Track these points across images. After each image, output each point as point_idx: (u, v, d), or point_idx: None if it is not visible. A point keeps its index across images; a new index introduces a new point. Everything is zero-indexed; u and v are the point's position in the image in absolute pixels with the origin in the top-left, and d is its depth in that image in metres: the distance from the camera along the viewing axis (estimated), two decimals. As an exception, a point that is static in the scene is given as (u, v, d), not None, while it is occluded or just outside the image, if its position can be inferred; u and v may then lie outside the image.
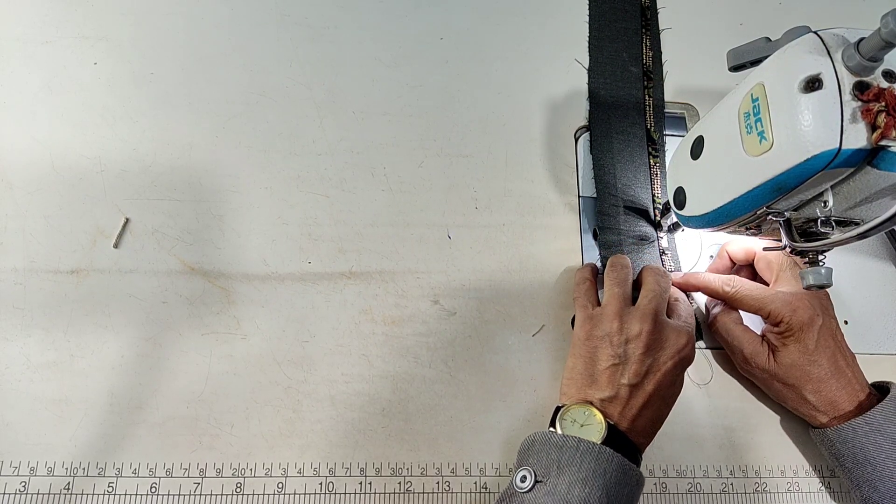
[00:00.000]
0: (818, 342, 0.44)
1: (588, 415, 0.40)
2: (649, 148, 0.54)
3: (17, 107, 0.51)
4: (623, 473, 0.38)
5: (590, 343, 0.43)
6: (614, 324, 0.43)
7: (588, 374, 0.43)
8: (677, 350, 0.42)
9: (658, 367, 0.42)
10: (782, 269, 0.47)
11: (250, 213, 0.50)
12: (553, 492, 0.37)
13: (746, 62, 0.39)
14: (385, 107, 0.54)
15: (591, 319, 0.44)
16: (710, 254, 0.53)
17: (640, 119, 0.55)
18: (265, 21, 0.55)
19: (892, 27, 0.27)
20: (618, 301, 0.44)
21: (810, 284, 0.39)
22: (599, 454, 0.38)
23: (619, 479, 0.38)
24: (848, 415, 0.43)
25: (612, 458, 0.38)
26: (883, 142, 0.29)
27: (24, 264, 0.47)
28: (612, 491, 0.37)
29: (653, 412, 0.42)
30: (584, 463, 0.38)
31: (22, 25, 0.53)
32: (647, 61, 0.57)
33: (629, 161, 0.53)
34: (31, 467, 0.42)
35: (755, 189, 0.35)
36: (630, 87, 0.56)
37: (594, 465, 0.38)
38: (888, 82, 0.30)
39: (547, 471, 0.38)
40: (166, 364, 0.45)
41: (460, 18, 0.58)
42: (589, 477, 0.37)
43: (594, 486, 0.37)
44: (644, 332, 0.42)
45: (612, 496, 0.37)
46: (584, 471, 0.38)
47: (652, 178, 0.53)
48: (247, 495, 0.43)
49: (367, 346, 0.47)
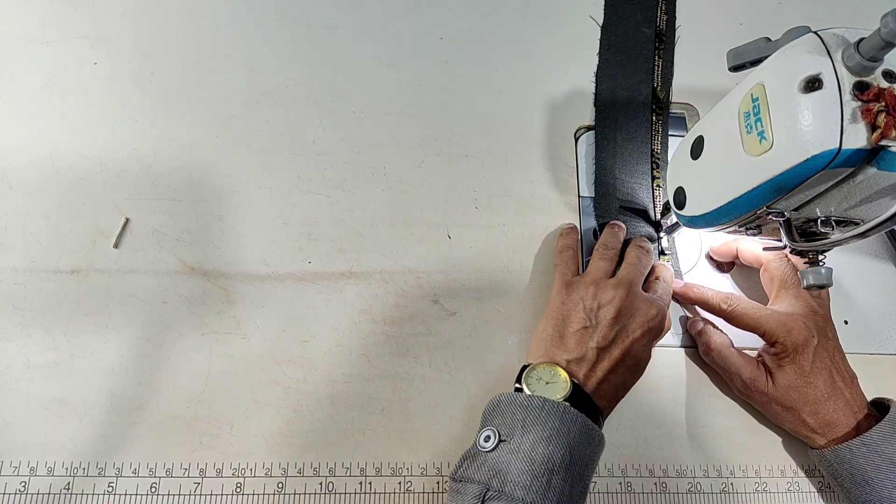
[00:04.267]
0: (814, 363, 0.44)
1: (553, 374, 0.41)
2: (654, 107, 0.54)
3: (17, 107, 0.51)
4: (586, 433, 0.39)
5: (563, 307, 0.44)
6: (589, 290, 0.44)
7: (558, 335, 0.43)
8: (647, 319, 0.43)
9: (627, 334, 0.42)
10: (784, 287, 0.47)
11: (250, 213, 0.50)
12: (517, 450, 0.38)
13: (746, 62, 0.39)
14: (385, 107, 0.54)
15: (567, 286, 0.45)
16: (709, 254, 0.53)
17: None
18: (265, 21, 0.55)
19: (892, 27, 0.27)
20: (598, 272, 0.46)
21: (810, 284, 0.39)
22: (564, 414, 0.38)
23: (582, 439, 0.38)
24: (846, 436, 0.43)
25: (575, 417, 0.38)
26: (883, 142, 0.29)
27: (24, 264, 0.47)
28: (574, 450, 0.38)
29: (618, 378, 0.42)
30: (549, 422, 0.38)
31: (22, 25, 0.53)
32: (660, 24, 0.57)
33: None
34: (31, 467, 0.42)
35: (755, 189, 0.35)
36: (641, 49, 0.56)
37: (558, 424, 0.38)
38: (888, 82, 0.30)
39: (511, 430, 0.39)
40: (166, 364, 0.45)
41: (460, 18, 0.58)
42: (553, 435, 0.38)
43: (557, 444, 0.37)
44: (617, 298, 0.43)
45: (575, 455, 0.38)
46: (549, 429, 0.38)
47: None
48: (247, 495, 0.43)
49: (367, 345, 0.47)
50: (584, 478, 0.39)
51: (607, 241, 0.48)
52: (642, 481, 0.46)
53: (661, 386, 0.49)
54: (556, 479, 0.37)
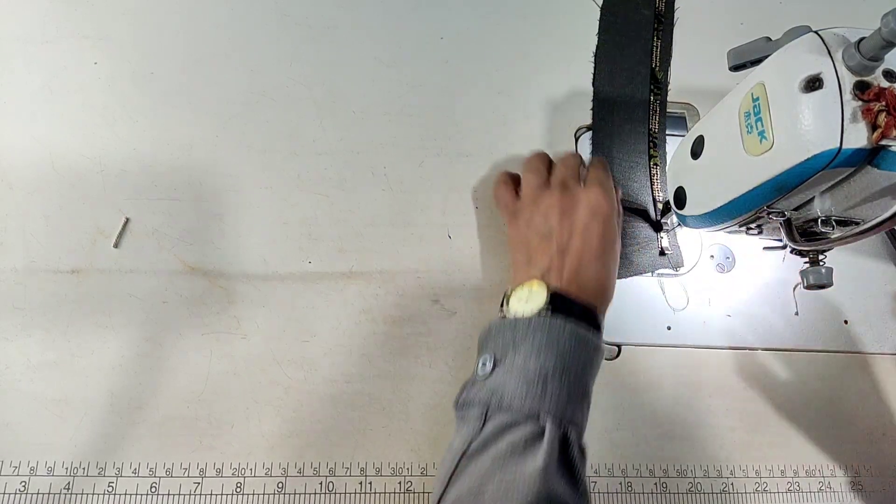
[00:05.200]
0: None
1: (530, 291, 0.41)
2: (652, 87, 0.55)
3: (17, 107, 0.51)
4: (577, 340, 0.39)
5: (519, 234, 0.45)
6: (531, 207, 0.45)
7: (525, 259, 0.44)
8: (588, 204, 0.43)
9: (577, 225, 0.43)
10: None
11: (250, 213, 0.50)
12: (511, 368, 0.38)
13: (747, 62, 0.39)
14: (385, 107, 0.54)
15: (513, 215, 0.47)
16: (710, 254, 0.53)
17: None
18: (265, 21, 0.55)
19: (893, 26, 0.27)
20: (531, 187, 0.46)
21: (810, 284, 0.39)
22: (550, 326, 0.39)
23: (573, 346, 0.39)
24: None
25: (562, 326, 0.39)
26: (883, 141, 0.29)
27: (24, 264, 0.47)
28: (566, 357, 0.38)
29: (593, 269, 0.42)
30: (536, 336, 0.39)
31: (22, 25, 0.53)
32: (659, 6, 0.58)
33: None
34: (31, 467, 0.42)
35: (755, 189, 0.35)
36: (640, 30, 0.56)
37: (546, 336, 0.39)
38: (889, 82, 0.30)
39: (504, 352, 0.39)
40: (166, 364, 0.45)
41: (460, 18, 0.58)
42: (542, 347, 0.38)
43: (548, 354, 0.38)
44: (555, 199, 0.44)
45: (568, 361, 0.38)
46: (538, 343, 0.38)
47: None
48: (247, 495, 0.43)
49: (368, 345, 0.47)
50: (581, 383, 0.39)
51: (530, 158, 0.49)
52: (642, 481, 0.46)
53: (662, 386, 0.49)
54: (550, 385, 0.37)
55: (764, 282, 0.52)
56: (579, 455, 0.37)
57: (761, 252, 0.48)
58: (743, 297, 0.52)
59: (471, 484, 0.35)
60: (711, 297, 0.52)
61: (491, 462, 0.36)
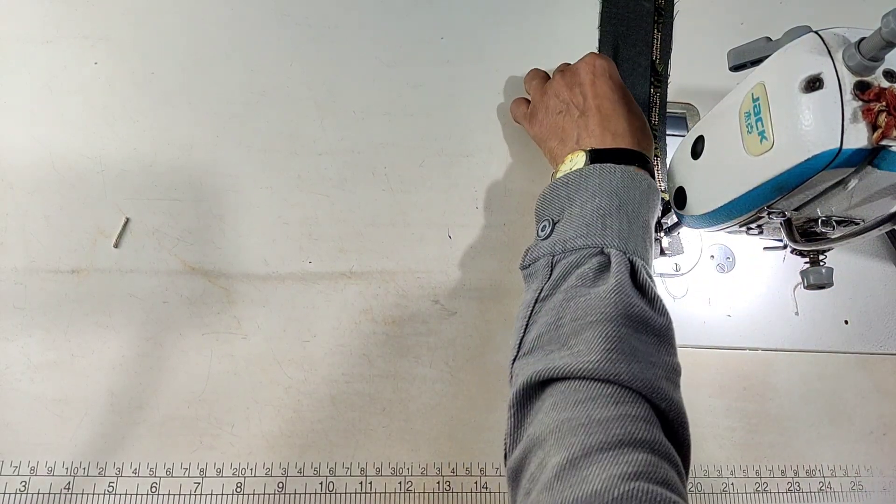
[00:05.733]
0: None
1: (571, 159, 0.42)
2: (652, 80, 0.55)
3: (17, 107, 0.51)
4: (629, 178, 0.39)
5: (542, 127, 0.47)
6: (542, 97, 0.47)
7: (558, 141, 0.45)
8: (587, 67, 0.45)
9: (586, 87, 0.45)
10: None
11: (250, 213, 0.50)
12: (570, 218, 0.39)
13: (747, 62, 0.38)
14: (385, 107, 0.54)
15: (532, 114, 0.49)
16: (710, 254, 0.53)
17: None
18: (265, 21, 0.55)
19: (893, 27, 0.27)
20: (535, 87, 0.49)
21: (811, 284, 0.39)
22: (601, 170, 0.40)
23: (627, 183, 0.39)
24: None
25: (613, 169, 0.40)
26: (884, 141, 0.29)
27: (25, 264, 0.47)
28: (621, 194, 0.39)
29: (619, 116, 0.43)
30: (590, 182, 0.40)
31: (22, 25, 0.53)
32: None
33: None
34: (32, 467, 0.42)
35: (756, 189, 0.35)
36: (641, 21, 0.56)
37: (598, 179, 0.39)
38: (889, 82, 0.30)
39: (561, 210, 0.41)
40: (167, 364, 0.45)
41: (460, 18, 0.58)
42: (597, 190, 0.39)
43: (602, 195, 0.39)
44: (558, 80, 0.47)
45: (623, 198, 0.39)
46: (591, 188, 0.39)
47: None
48: (247, 495, 0.43)
49: (368, 345, 0.47)
50: (640, 217, 0.39)
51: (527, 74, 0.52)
52: (643, 481, 0.46)
53: (662, 386, 0.49)
54: (610, 220, 0.38)
55: (764, 282, 0.52)
56: (649, 279, 0.37)
57: (761, 252, 0.48)
58: (743, 297, 0.52)
59: (548, 319, 0.36)
60: (711, 297, 0.52)
61: (563, 296, 0.36)
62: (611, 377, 0.32)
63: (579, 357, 0.33)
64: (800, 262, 0.40)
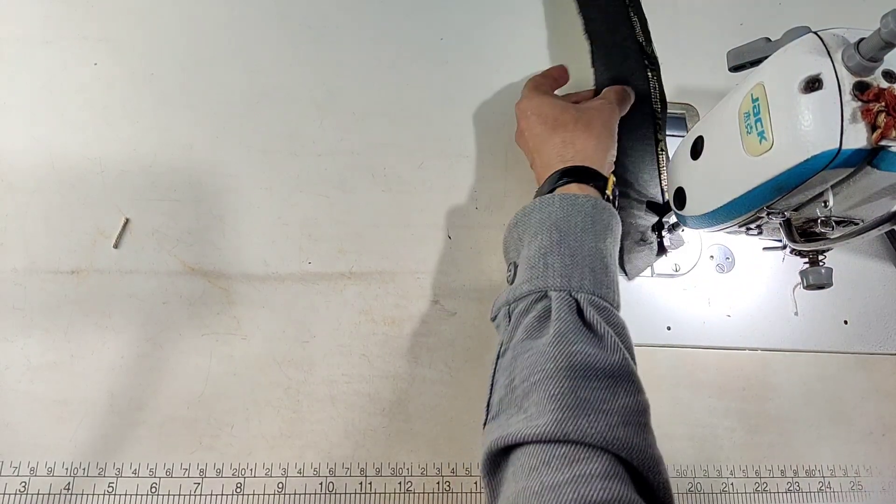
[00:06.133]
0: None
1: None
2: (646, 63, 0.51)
3: (17, 107, 0.51)
4: (569, 204, 0.39)
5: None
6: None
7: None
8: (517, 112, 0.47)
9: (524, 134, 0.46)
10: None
11: (250, 214, 0.50)
12: (522, 263, 0.39)
13: (746, 62, 0.38)
14: (385, 107, 0.54)
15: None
16: (710, 254, 0.53)
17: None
18: (265, 22, 0.55)
19: (892, 27, 0.27)
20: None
21: (810, 284, 0.39)
22: (541, 203, 0.40)
23: (567, 211, 0.39)
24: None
25: (552, 199, 0.40)
26: (883, 142, 0.29)
27: (24, 264, 0.47)
28: (562, 226, 0.38)
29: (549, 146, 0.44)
30: (533, 219, 0.40)
31: (22, 25, 0.53)
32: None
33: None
34: (32, 467, 0.42)
35: (755, 189, 0.35)
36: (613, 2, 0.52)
37: (539, 214, 0.40)
38: (888, 82, 0.30)
39: (517, 251, 0.41)
40: (166, 364, 0.45)
41: (460, 18, 0.58)
42: (539, 227, 0.39)
43: (542, 230, 0.39)
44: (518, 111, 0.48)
45: (565, 231, 0.38)
46: (534, 225, 0.39)
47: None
48: (247, 495, 0.43)
49: (368, 346, 0.47)
50: (584, 245, 0.38)
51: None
52: (642, 481, 0.46)
53: (661, 386, 0.49)
54: (551, 257, 0.37)
55: (763, 282, 0.52)
56: (598, 313, 0.35)
57: (761, 252, 0.48)
58: (743, 297, 0.52)
59: (504, 381, 0.36)
60: (711, 297, 0.52)
61: (512, 353, 0.36)
62: (561, 437, 0.31)
63: (531, 421, 0.32)
64: (799, 263, 0.40)
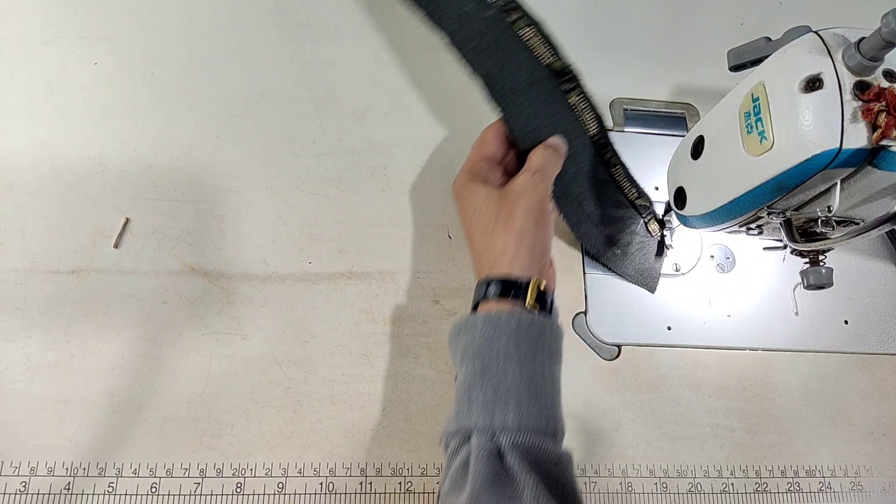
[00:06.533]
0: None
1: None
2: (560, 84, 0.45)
3: (17, 107, 0.51)
4: (491, 327, 0.37)
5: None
6: None
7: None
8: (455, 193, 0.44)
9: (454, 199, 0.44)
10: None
11: (250, 213, 0.50)
12: (456, 389, 0.38)
13: (747, 62, 0.39)
14: (385, 107, 0.54)
15: None
16: (710, 254, 0.53)
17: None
18: (265, 21, 0.55)
19: (893, 26, 0.27)
20: None
21: (810, 284, 0.39)
22: (465, 326, 0.39)
23: (489, 335, 0.37)
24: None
25: (475, 321, 0.38)
26: (883, 141, 0.29)
27: (24, 264, 0.47)
28: (486, 353, 0.36)
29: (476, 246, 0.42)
30: (460, 344, 0.39)
31: (22, 25, 0.53)
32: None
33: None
34: (32, 467, 0.42)
35: (755, 189, 0.35)
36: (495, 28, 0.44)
37: (465, 338, 0.38)
38: (889, 82, 0.30)
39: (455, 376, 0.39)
40: (166, 364, 0.45)
41: (460, 18, 0.58)
42: (464, 355, 0.38)
43: (468, 359, 0.37)
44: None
45: (488, 357, 0.36)
46: (461, 352, 0.38)
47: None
48: (247, 495, 0.43)
49: (368, 346, 0.47)
50: (508, 374, 0.35)
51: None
52: (642, 481, 0.46)
53: (661, 386, 0.49)
54: (475, 391, 0.36)
55: (764, 282, 0.52)
56: (521, 458, 0.33)
57: (761, 252, 0.48)
58: (743, 297, 0.52)
59: None
60: (711, 297, 0.52)
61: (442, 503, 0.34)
62: None
63: None
64: (800, 262, 0.40)
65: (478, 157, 0.45)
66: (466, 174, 0.44)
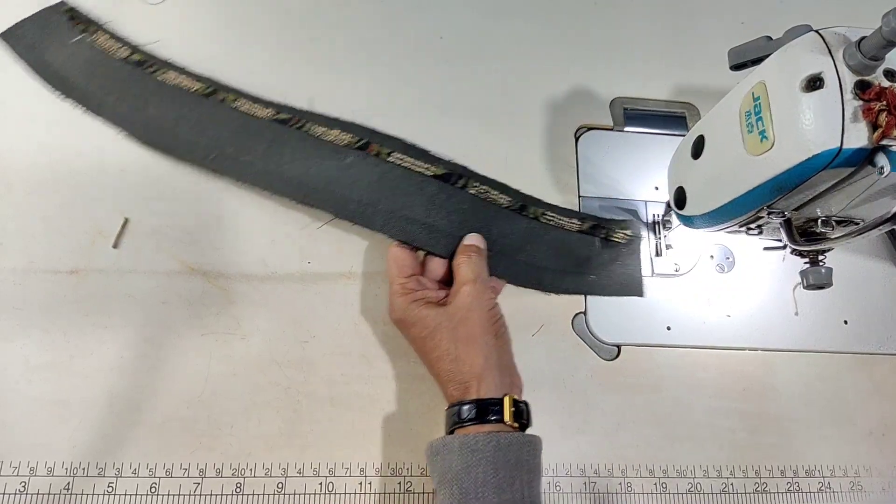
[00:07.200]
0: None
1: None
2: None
3: (17, 107, 0.51)
4: (468, 452, 0.37)
5: None
6: None
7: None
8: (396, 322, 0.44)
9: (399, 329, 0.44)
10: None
11: (250, 214, 0.50)
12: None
13: (747, 61, 0.38)
14: (385, 107, 0.54)
15: None
16: (709, 254, 0.53)
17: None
18: (265, 21, 0.55)
19: (894, 26, 0.27)
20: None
21: (810, 284, 0.39)
22: (442, 449, 0.38)
23: (468, 461, 0.36)
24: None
25: (451, 445, 0.38)
26: (884, 141, 0.29)
27: (24, 264, 0.47)
28: (462, 479, 0.36)
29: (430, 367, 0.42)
30: (436, 468, 0.38)
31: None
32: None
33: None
34: (31, 467, 0.42)
35: (756, 188, 0.35)
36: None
37: (441, 462, 0.38)
38: (889, 81, 0.30)
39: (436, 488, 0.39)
40: (166, 364, 0.45)
41: (460, 18, 0.58)
42: (441, 479, 0.38)
43: (444, 485, 0.37)
44: None
45: (466, 486, 0.36)
46: (438, 476, 0.38)
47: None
48: (247, 495, 0.43)
49: (367, 346, 0.47)
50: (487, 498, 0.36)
51: None
52: (642, 481, 0.46)
53: (661, 386, 0.49)
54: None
55: (764, 282, 0.52)
56: None
57: (761, 252, 0.48)
58: (743, 297, 0.52)
59: None
60: (711, 298, 0.51)
61: None
62: None
63: None
64: (799, 263, 0.40)
65: (402, 278, 0.44)
66: (401, 298, 0.43)
